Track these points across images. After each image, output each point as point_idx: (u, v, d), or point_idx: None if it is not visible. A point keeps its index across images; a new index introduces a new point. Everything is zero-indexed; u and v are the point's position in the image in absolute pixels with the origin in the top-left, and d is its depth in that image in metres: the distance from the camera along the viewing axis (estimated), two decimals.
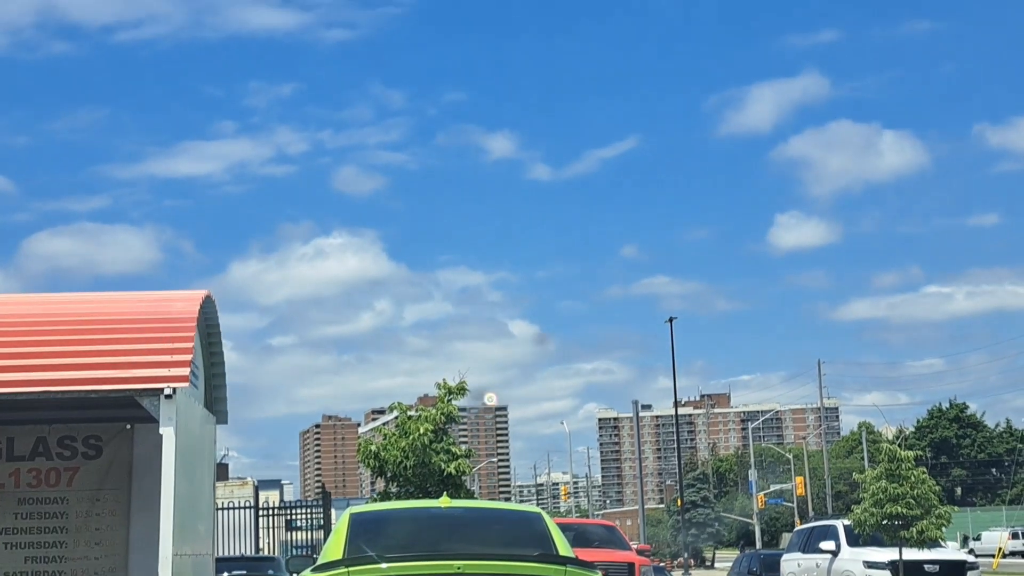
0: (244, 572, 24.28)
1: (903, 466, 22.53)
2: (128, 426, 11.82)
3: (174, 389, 9.12)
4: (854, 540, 23.84)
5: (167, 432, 9.07)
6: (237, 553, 29.25)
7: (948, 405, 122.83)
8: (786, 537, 43.21)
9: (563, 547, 8.75)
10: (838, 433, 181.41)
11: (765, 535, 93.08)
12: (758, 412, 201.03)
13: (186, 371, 9.29)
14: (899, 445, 25.33)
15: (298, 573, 9.39)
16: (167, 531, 9.10)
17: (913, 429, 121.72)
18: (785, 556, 27.52)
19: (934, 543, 22.48)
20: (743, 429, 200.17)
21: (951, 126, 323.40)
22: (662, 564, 43.67)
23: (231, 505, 30.40)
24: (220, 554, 24.54)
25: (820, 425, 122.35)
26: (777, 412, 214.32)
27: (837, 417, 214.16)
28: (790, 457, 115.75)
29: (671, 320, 63.11)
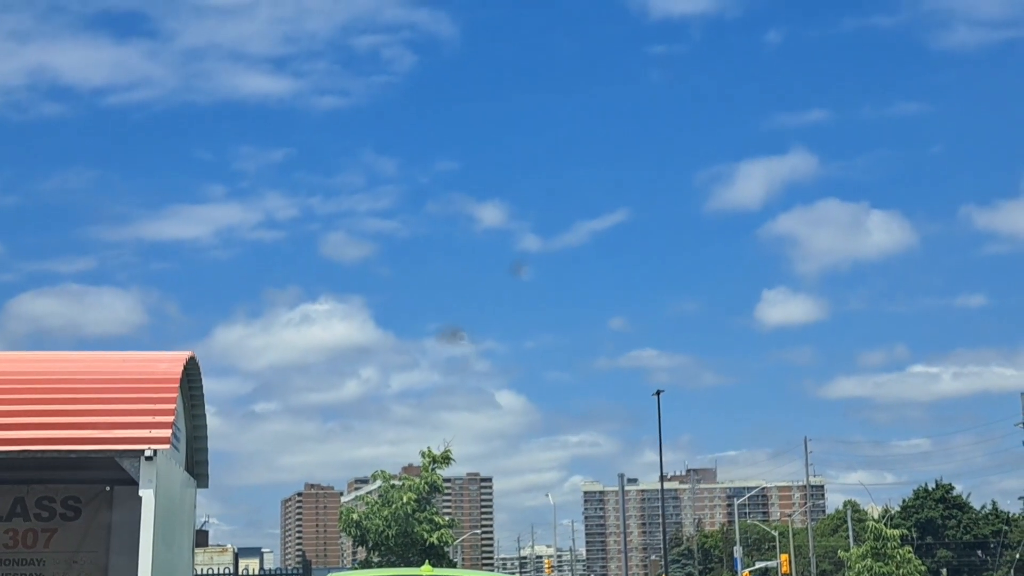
0: None
1: (889, 544, 22.43)
2: (108, 488, 11.67)
3: (155, 451, 9.02)
4: None
5: (146, 494, 8.95)
6: None
7: (934, 485, 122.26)
8: None
9: None
10: (824, 511, 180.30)
11: None
12: (744, 488, 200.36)
13: (168, 432, 9.19)
14: (885, 524, 25.21)
15: None
16: None
17: (899, 508, 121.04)
18: None
19: None
20: (729, 505, 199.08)
21: (939, 207, 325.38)
22: None
23: (210, 572, 30.03)
24: None
25: (806, 503, 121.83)
26: (763, 489, 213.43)
27: (823, 495, 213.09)
28: (775, 534, 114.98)
29: (658, 393, 62.98)
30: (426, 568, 9.56)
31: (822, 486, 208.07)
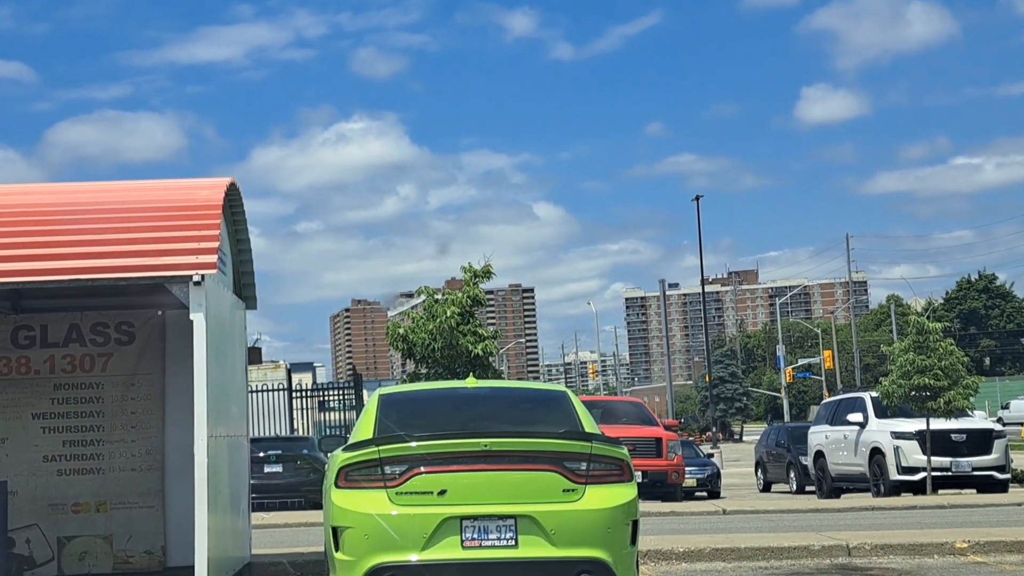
0: (279, 452, 24.78)
1: (931, 338, 22.57)
2: (159, 312, 11.98)
3: (203, 276, 9.19)
4: (882, 412, 24.04)
5: (197, 318, 9.16)
6: (272, 434, 29.80)
7: (977, 276, 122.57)
8: (814, 410, 43.53)
9: (588, 424, 8.89)
10: (866, 307, 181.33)
11: (793, 408, 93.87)
12: (786, 288, 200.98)
13: (214, 258, 9.34)
14: (927, 317, 25.36)
15: (330, 453, 9.59)
16: (201, 414, 9.26)
17: (942, 301, 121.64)
18: (813, 428, 27.79)
19: (961, 413, 22.64)
20: (771, 305, 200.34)
21: None
22: (690, 439, 44.12)
23: (265, 388, 30.83)
24: (255, 435, 25.03)
25: (848, 299, 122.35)
26: (805, 287, 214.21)
27: (865, 291, 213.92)
28: (818, 332, 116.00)
29: (697, 199, 62.88)
30: (470, 380, 9.80)
31: (864, 282, 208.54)
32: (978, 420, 24.28)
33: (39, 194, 10.81)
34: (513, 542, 7.91)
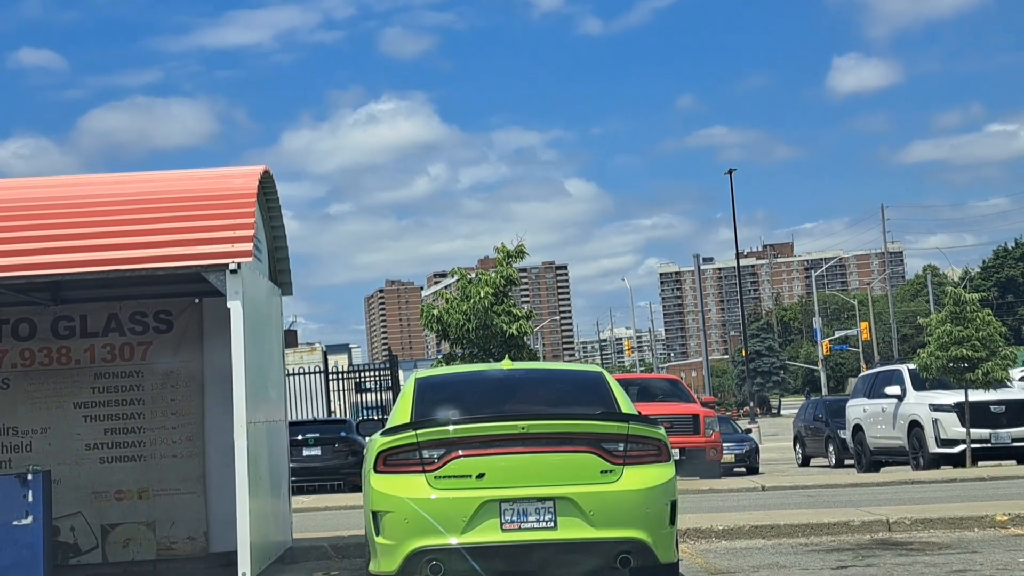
0: (317, 435, 24.93)
1: (968, 308, 22.41)
2: (196, 300, 12.08)
3: (239, 264, 9.27)
4: (919, 384, 23.91)
5: (234, 306, 9.24)
6: (309, 417, 29.97)
7: (1014, 244, 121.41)
8: (851, 383, 43.34)
9: (625, 404, 8.90)
10: (903, 277, 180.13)
11: (831, 381, 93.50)
12: (821, 260, 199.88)
13: (249, 246, 9.41)
14: (964, 287, 25.22)
15: (369, 437, 9.65)
16: (240, 400, 9.34)
17: (979, 270, 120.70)
18: (851, 401, 27.68)
19: (1000, 384, 22.49)
20: (807, 277, 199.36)
21: None
22: (727, 414, 44.06)
23: (301, 371, 31.00)
24: (292, 418, 25.20)
25: (884, 270, 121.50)
26: (841, 259, 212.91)
27: (902, 261, 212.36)
28: (855, 303, 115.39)
29: (731, 172, 62.53)
30: (506, 362, 9.83)
31: (900, 252, 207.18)
32: (1017, 391, 24.09)
33: (75, 186, 10.93)
34: (552, 524, 7.95)
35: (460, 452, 8.05)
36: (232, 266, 9.24)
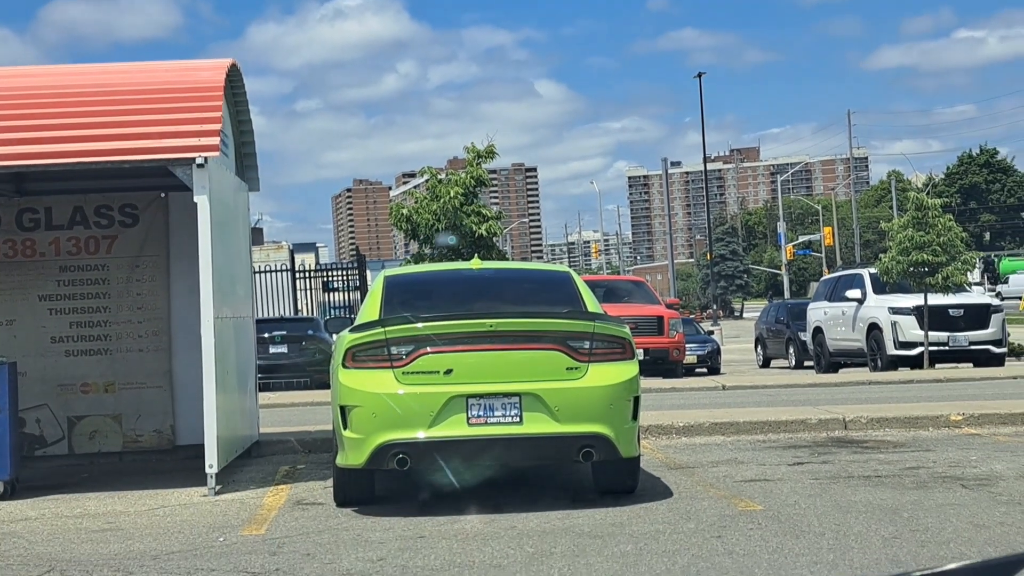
0: (284, 332, 24.99)
1: (930, 214, 22.59)
2: (163, 194, 12.01)
3: (206, 158, 9.22)
4: (880, 287, 24.17)
5: (201, 200, 9.22)
6: (276, 315, 29.99)
7: (979, 151, 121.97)
8: (814, 287, 43.78)
9: (591, 304, 8.99)
10: (867, 183, 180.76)
11: (793, 285, 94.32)
12: (787, 165, 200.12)
13: (216, 140, 9.36)
14: (928, 193, 25.38)
15: (336, 333, 9.71)
16: (207, 295, 9.37)
17: (943, 176, 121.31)
18: (812, 305, 27.98)
19: (959, 288, 22.77)
20: (772, 182, 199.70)
21: None
22: (691, 316, 44.42)
23: (268, 268, 30.92)
24: (260, 316, 25.23)
25: (849, 176, 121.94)
26: (807, 164, 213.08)
27: (867, 167, 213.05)
28: (819, 208, 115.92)
29: (700, 75, 62.29)
30: (475, 261, 9.87)
31: (866, 158, 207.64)
32: (976, 295, 24.42)
33: (39, 76, 10.78)
34: (518, 419, 8.07)
35: (428, 349, 8.13)
36: (199, 160, 9.20)
